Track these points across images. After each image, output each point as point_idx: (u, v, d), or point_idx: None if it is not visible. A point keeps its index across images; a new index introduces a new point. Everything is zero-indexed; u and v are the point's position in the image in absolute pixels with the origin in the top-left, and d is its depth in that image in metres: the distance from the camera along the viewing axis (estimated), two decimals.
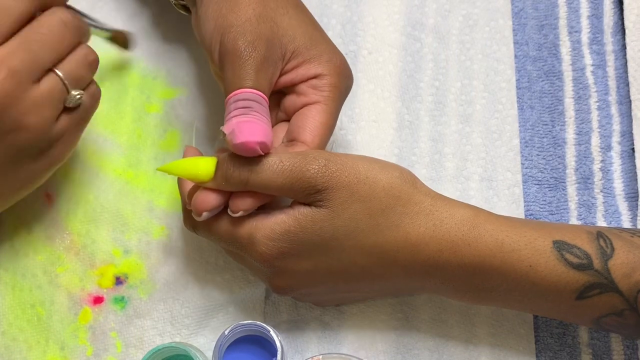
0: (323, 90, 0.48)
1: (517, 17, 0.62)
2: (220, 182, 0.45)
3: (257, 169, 0.44)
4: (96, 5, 0.63)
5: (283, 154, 0.45)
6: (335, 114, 0.49)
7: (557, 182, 0.57)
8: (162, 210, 0.57)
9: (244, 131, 0.43)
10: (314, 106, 0.48)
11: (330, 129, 0.48)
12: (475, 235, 0.45)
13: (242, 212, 0.45)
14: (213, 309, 0.54)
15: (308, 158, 0.44)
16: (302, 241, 0.45)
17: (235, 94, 0.45)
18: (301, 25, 0.49)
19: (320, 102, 0.48)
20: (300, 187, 0.44)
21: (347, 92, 0.50)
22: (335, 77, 0.49)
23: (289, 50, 0.48)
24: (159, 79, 0.61)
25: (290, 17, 0.48)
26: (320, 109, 0.48)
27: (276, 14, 0.48)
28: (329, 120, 0.48)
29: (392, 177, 0.46)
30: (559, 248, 0.45)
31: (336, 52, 0.50)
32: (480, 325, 0.53)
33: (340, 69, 0.49)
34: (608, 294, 0.44)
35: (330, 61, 0.49)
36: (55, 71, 0.46)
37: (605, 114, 0.58)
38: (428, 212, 0.46)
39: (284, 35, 0.47)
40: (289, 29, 0.48)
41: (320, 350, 0.53)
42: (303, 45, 0.48)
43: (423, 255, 0.45)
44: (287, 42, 0.48)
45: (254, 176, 0.44)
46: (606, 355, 0.52)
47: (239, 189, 0.45)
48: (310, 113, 0.48)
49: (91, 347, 0.53)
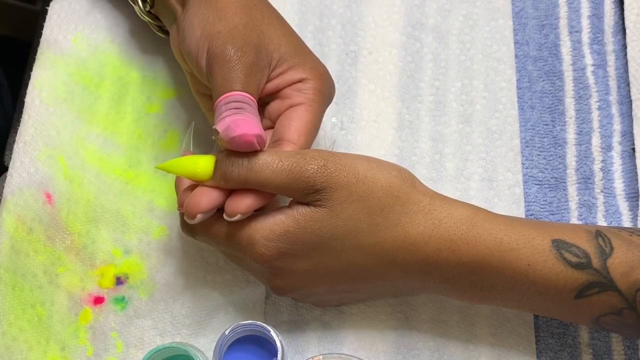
0: (307, 93, 0.49)
1: (518, 17, 0.62)
2: (219, 180, 0.45)
3: (256, 168, 0.44)
4: (96, 6, 0.63)
5: (282, 152, 0.45)
6: (319, 115, 0.49)
7: (557, 182, 0.57)
8: (163, 211, 0.57)
9: (240, 125, 0.43)
10: (299, 107, 0.49)
11: (315, 129, 0.49)
12: (473, 234, 0.45)
13: (239, 215, 0.45)
14: (213, 309, 0.54)
15: (307, 157, 0.45)
16: (301, 241, 0.45)
17: (226, 96, 0.45)
18: (286, 35, 0.50)
19: (305, 103, 0.49)
20: (299, 186, 0.44)
21: (329, 99, 0.51)
22: (319, 82, 0.49)
23: (274, 58, 0.49)
24: (159, 79, 0.61)
25: (275, 27, 0.49)
26: (305, 109, 0.48)
27: (262, 24, 0.49)
28: (313, 120, 0.49)
29: (390, 177, 0.46)
30: (557, 247, 0.45)
31: (319, 62, 0.51)
32: (480, 325, 0.53)
33: (323, 76, 0.50)
34: (607, 292, 0.44)
35: (314, 68, 0.50)
36: None
37: (606, 114, 0.58)
38: (427, 212, 0.46)
39: (270, 44, 0.48)
40: (274, 38, 0.49)
41: (321, 351, 0.53)
42: (288, 53, 0.49)
43: (422, 254, 0.45)
44: (273, 49, 0.48)
45: (253, 175, 0.44)
46: (607, 355, 0.52)
47: (238, 186, 0.45)
48: (295, 113, 0.48)
49: (91, 347, 0.53)
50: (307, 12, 0.63)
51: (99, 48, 0.62)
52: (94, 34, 0.62)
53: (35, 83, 0.60)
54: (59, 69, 0.61)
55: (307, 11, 0.63)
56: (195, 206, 0.45)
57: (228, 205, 0.45)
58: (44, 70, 0.61)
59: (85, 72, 0.61)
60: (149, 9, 0.56)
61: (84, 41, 0.62)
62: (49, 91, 0.60)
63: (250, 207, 0.45)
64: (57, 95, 0.60)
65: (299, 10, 0.63)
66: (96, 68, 0.61)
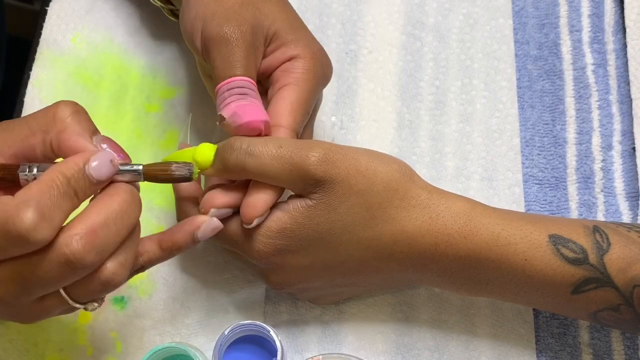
0: (295, 72, 0.48)
1: (518, 16, 0.62)
2: (218, 167, 0.44)
3: (255, 152, 0.43)
4: (95, 5, 0.63)
5: (283, 139, 0.44)
6: (308, 94, 0.48)
7: (557, 182, 0.57)
8: (161, 210, 0.57)
9: (247, 112, 0.43)
10: (285, 88, 0.47)
11: (303, 108, 0.47)
12: (471, 228, 0.45)
13: (256, 220, 0.44)
14: (213, 309, 0.54)
15: (309, 145, 0.44)
16: (298, 237, 0.45)
17: (229, 81, 0.45)
18: (282, 11, 0.49)
19: (291, 83, 0.47)
20: (298, 174, 0.43)
21: (324, 79, 0.50)
22: (310, 60, 0.48)
23: (269, 34, 0.48)
24: (158, 79, 0.61)
25: (272, 3, 0.49)
26: (291, 89, 0.47)
27: (258, 0, 0.48)
28: (300, 98, 0.47)
29: (390, 170, 0.45)
30: (554, 242, 0.45)
31: (314, 40, 0.50)
32: (480, 325, 0.53)
33: (316, 54, 0.49)
34: (604, 288, 0.44)
35: (307, 46, 0.48)
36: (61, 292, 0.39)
37: (606, 113, 0.58)
38: (424, 206, 0.45)
39: (266, 19, 0.47)
40: (270, 14, 0.48)
41: (320, 350, 0.53)
42: (282, 28, 0.48)
43: (419, 248, 0.45)
44: (268, 25, 0.48)
45: (252, 160, 0.43)
46: (607, 355, 0.52)
47: (238, 175, 0.45)
48: (281, 95, 0.47)
49: (91, 347, 0.53)
50: (306, 11, 0.63)
51: (99, 48, 0.62)
52: (93, 34, 0.62)
53: (35, 83, 0.60)
54: (59, 69, 0.61)
55: (306, 10, 0.63)
56: (211, 201, 0.45)
57: (243, 210, 0.44)
58: (44, 70, 0.61)
59: (84, 71, 0.61)
60: None
61: (83, 41, 0.62)
62: (49, 91, 0.60)
63: (264, 206, 0.44)
64: (56, 95, 0.60)
65: (299, 9, 0.62)
66: (95, 68, 0.61)
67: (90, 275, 0.39)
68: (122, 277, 0.39)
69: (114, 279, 0.39)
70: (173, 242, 0.44)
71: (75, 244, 0.37)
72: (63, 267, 0.37)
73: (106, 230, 0.38)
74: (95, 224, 0.38)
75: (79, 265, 0.37)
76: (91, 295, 0.40)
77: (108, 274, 0.39)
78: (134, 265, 0.43)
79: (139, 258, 0.43)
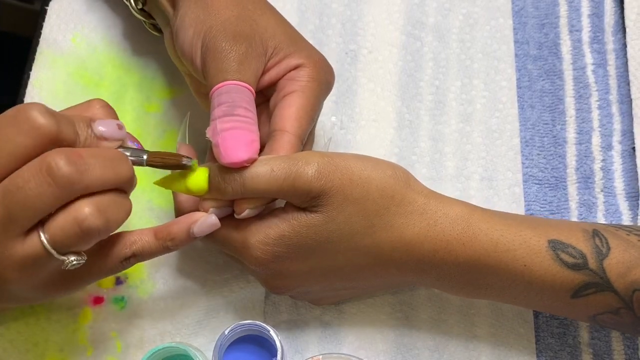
0: (300, 80, 0.48)
1: (518, 16, 0.62)
2: (215, 195, 0.45)
3: (249, 182, 0.44)
4: (93, 6, 0.63)
5: (274, 161, 0.44)
6: (313, 100, 0.48)
7: (557, 182, 0.57)
8: (162, 210, 0.57)
9: (228, 147, 0.43)
10: (291, 95, 0.48)
11: (309, 115, 0.48)
12: (469, 234, 0.45)
13: (247, 211, 0.45)
14: (213, 309, 0.54)
15: (300, 163, 0.44)
16: (296, 245, 0.45)
17: (218, 87, 0.45)
18: (280, 25, 0.49)
19: (297, 90, 0.48)
20: (295, 193, 0.44)
21: (327, 87, 0.50)
22: (313, 69, 0.48)
23: (270, 47, 0.48)
24: (158, 79, 0.61)
25: (268, 17, 0.49)
26: (297, 95, 0.47)
27: (255, 14, 0.48)
28: (306, 105, 0.47)
29: (385, 177, 0.45)
30: (554, 247, 0.45)
31: (315, 50, 0.50)
32: (480, 325, 0.53)
33: (319, 63, 0.49)
34: (603, 293, 0.44)
35: (309, 56, 0.49)
36: (40, 234, 0.39)
37: (606, 113, 0.58)
38: (422, 212, 0.45)
39: (265, 32, 0.48)
40: (268, 27, 0.48)
41: (320, 350, 0.53)
42: (284, 41, 0.48)
43: (418, 255, 0.45)
44: (268, 38, 0.48)
45: (247, 189, 0.44)
46: (607, 355, 0.52)
47: (236, 198, 0.45)
48: (287, 102, 0.47)
49: (91, 348, 0.53)
50: (306, 11, 0.63)
51: (98, 48, 0.62)
52: (93, 34, 0.62)
53: (35, 83, 0.60)
54: (59, 69, 0.61)
55: (306, 10, 0.63)
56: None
57: (236, 201, 0.45)
58: (44, 69, 0.61)
59: (84, 71, 0.61)
60: (141, 7, 0.55)
61: (83, 41, 0.62)
62: (49, 91, 0.60)
63: (258, 201, 0.45)
64: (56, 95, 0.60)
65: (299, 9, 0.63)
66: (95, 68, 0.61)
67: (66, 212, 0.39)
68: (97, 223, 0.39)
69: (90, 219, 0.39)
70: (168, 232, 0.45)
71: (58, 155, 0.38)
72: (44, 176, 0.37)
73: (92, 160, 0.39)
74: (83, 151, 0.39)
75: (59, 174, 0.37)
76: (68, 239, 0.39)
77: (83, 214, 0.39)
78: (124, 247, 0.44)
79: (133, 245, 0.44)
